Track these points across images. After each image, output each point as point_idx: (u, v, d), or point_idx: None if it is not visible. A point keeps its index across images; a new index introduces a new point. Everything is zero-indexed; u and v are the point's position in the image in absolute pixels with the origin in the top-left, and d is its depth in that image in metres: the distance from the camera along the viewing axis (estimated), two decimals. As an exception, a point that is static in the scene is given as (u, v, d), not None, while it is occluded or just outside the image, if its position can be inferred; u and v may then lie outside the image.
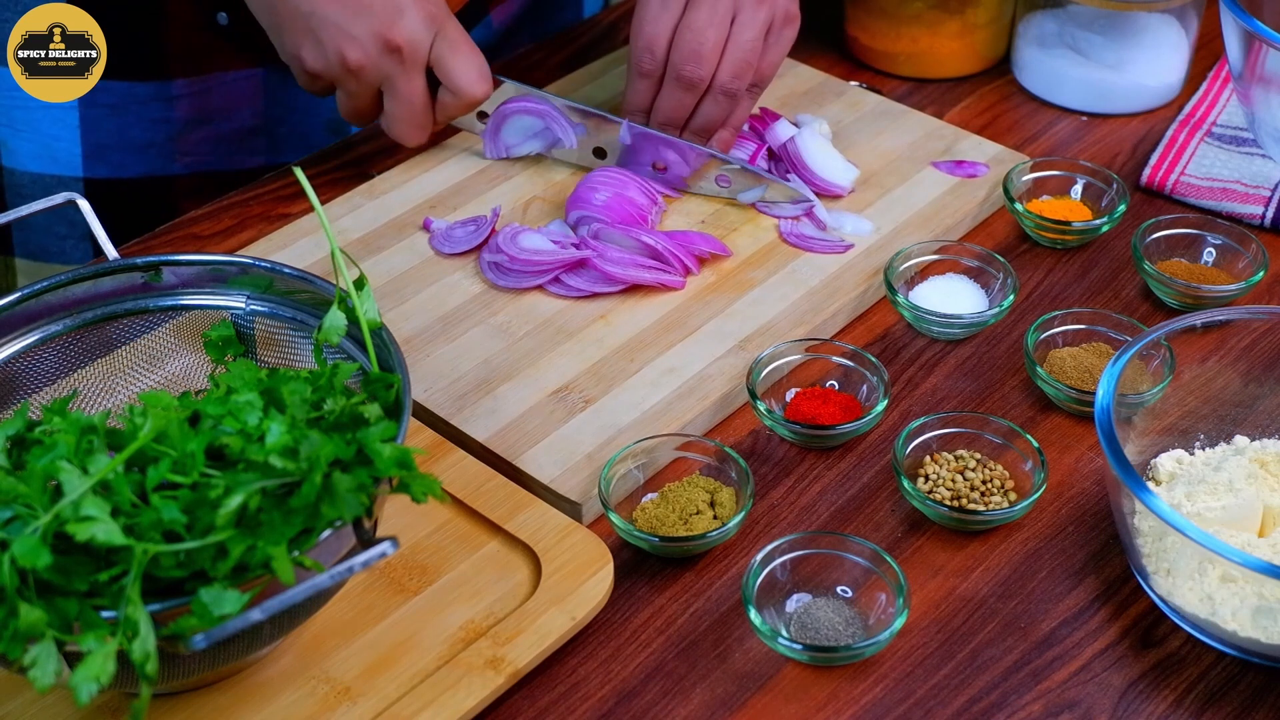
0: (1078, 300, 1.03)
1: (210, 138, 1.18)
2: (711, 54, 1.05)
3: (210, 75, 1.15)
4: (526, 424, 0.92)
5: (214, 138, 1.18)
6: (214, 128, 1.18)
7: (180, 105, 1.15)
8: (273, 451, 0.67)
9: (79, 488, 0.64)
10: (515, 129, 1.12)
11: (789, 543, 0.82)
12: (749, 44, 1.06)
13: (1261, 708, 0.78)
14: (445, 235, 1.06)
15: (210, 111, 1.17)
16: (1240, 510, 0.82)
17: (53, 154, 1.16)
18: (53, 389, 0.82)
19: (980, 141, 1.16)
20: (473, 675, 0.77)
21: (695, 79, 1.06)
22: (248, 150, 1.20)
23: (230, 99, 1.17)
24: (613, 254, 1.01)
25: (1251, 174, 1.12)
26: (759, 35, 1.06)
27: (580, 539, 0.84)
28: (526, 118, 1.11)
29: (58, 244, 1.20)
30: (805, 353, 0.96)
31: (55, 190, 1.15)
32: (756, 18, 1.06)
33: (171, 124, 1.16)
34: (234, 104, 1.17)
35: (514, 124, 1.12)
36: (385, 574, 0.83)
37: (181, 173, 1.18)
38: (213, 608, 0.63)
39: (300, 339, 0.84)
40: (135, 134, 1.16)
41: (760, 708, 0.78)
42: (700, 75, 1.05)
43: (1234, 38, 1.09)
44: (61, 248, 1.20)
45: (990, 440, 0.89)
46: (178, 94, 1.15)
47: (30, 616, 0.62)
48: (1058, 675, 0.79)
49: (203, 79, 1.15)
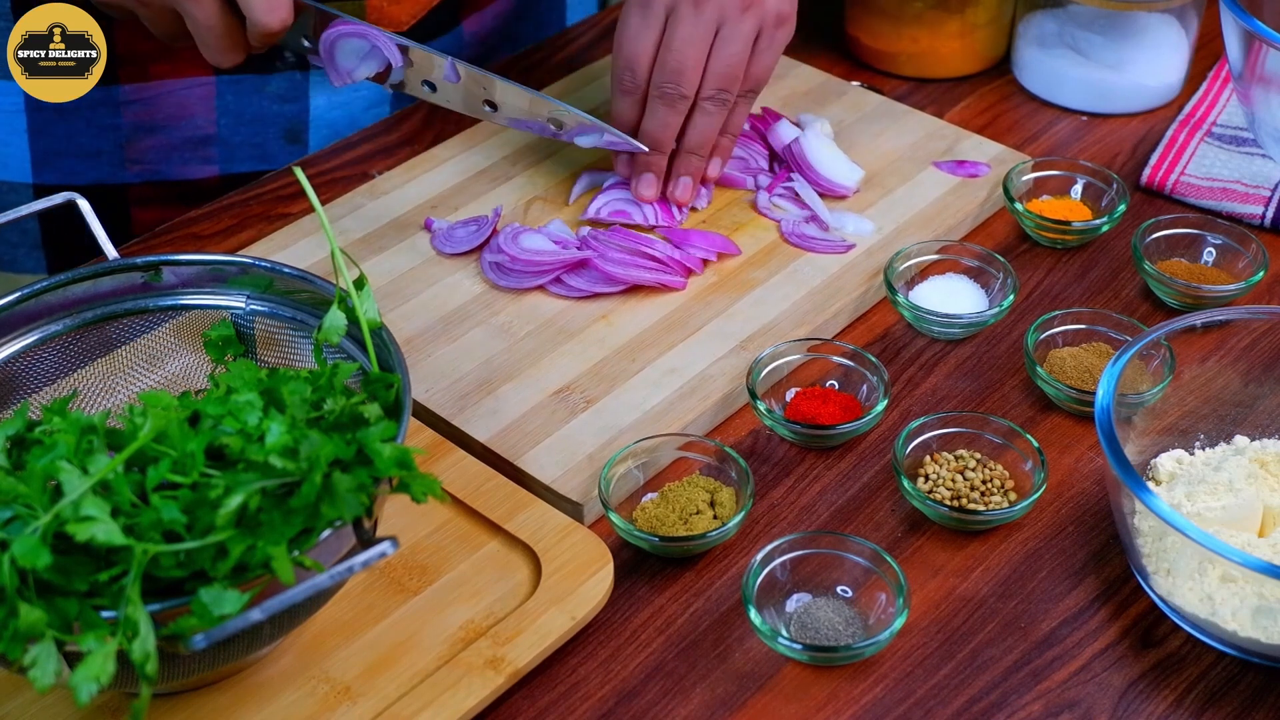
0: (1078, 300, 1.03)
1: (161, 146, 1.15)
2: (694, 70, 1.02)
3: (159, 82, 1.12)
4: (528, 424, 0.92)
5: (164, 146, 1.16)
6: (164, 136, 1.15)
7: (128, 111, 1.13)
8: (273, 451, 0.67)
9: (79, 488, 0.64)
10: (347, 53, 1.04)
11: (789, 543, 0.82)
12: (734, 56, 1.03)
13: (1261, 708, 0.78)
14: (447, 235, 1.06)
15: (160, 119, 1.14)
16: (1240, 510, 0.82)
17: (3, 160, 1.14)
18: (53, 389, 0.82)
19: (981, 141, 1.16)
20: (473, 675, 0.77)
21: (677, 96, 1.03)
22: (201, 159, 1.17)
23: (180, 107, 1.14)
24: (613, 254, 1.01)
25: (1251, 174, 1.12)
26: (745, 46, 1.03)
27: (580, 539, 0.84)
28: (354, 40, 1.03)
29: (10, 252, 1.18)
30: (805, 353, 0.96)
31: (6, 198, 1.14)
32: (741, 29, 1.03)
33: (120, 130, 1.14)
34: (184, 112, 1.15)
35: (344, 48, 1.03)
36: (385, 574, 0.83)
37: (133, 181, 1.16)
38: (213, 608, 0.63)
39: (300, 339, 0.84)
40: (84, 140, 1.14)
41: (760, 708, 0.78)
42: (682, 93, 1.03)
43: (1234, 38, 1.09)
44: (14, 256, 1.18)
45: (990, 440, 0.89)
46: (125, 100, 1.13)
47: (30, 616, 0.62)
48: (1058, 675, 0.79)
49: (151, 85, 1.12)
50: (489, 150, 1.15)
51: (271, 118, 1.18)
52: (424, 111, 1.20)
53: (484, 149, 1.15)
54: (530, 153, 1.14)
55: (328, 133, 1.20)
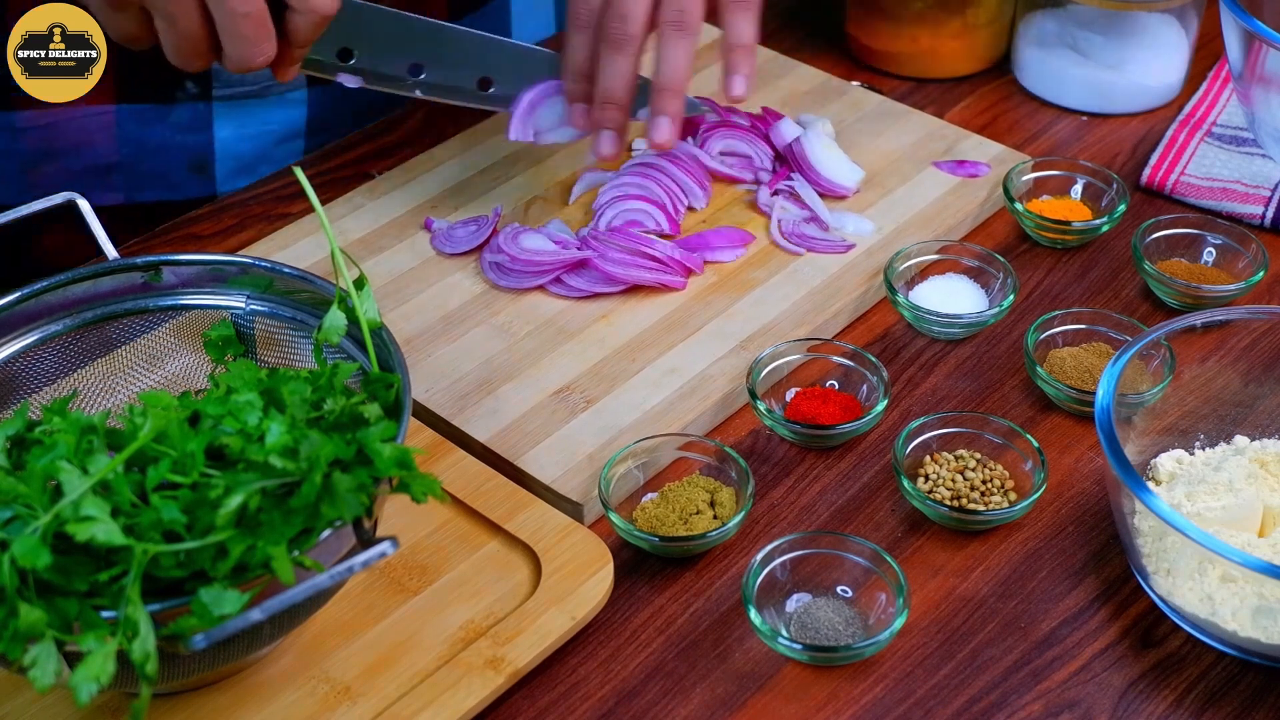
0: (1078, 300, 1.03)
1: (63, 171, 1.13)
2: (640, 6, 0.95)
3: (56, 109, 1.10)
4: (528, 424, 0.92)
5: (67, 172, 1.13)
6: (64, 163, 1.13)
7: (26, 138, 1.11)
8: (273, 451, 0.67)
9: (79, 488, 0.64)
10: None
11: (789, 543, 0.82)
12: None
13: (1261, 708, 0.78)
14: (446, 235, 1.06)
15: (60, 147, 1.12)
16: (1240, 510, 0.82)
17: None
18: (53, 389, 0.82)
19: (981, 141, 1.16)
20: (473, 675, 0.77)
21: (624, 38, 0.95)
22: (106, 186, 1.14)
23: (80, 135, 1.12)
24: (613, 254, 1.01)
25: (1251, 174, 1.12)
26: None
27: (580, 539, 0.84)
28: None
29: None
30: (805, 353, 0.96)
31: None
32: None
33: (20, 156, 1.12)
34: (85, 141, 1.12)
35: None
36: (385, 574, 0.83)
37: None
38: (213, 608, 0.63)
39: (300, 339, 0.84)
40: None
41: (760, 708, 0.78)
42: (629, 33, 0.95)
43: (1234, 38, 1.09)
44: None
45: (990, 440, 0.89)
46: (22, 126, 1.11)
47: (30, 617, 0.62)
48: (1058, 675, 0.79)
49: (48, 112, 1.10)
50: (489, 150, 1.15)
51: (175, 148, 1.15)
52: (424, 111, 1.20)
53: (484, 149, 1.15)
54: (530, 153, 1.14)
55: (234, 165, 1.17)
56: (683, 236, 1.05)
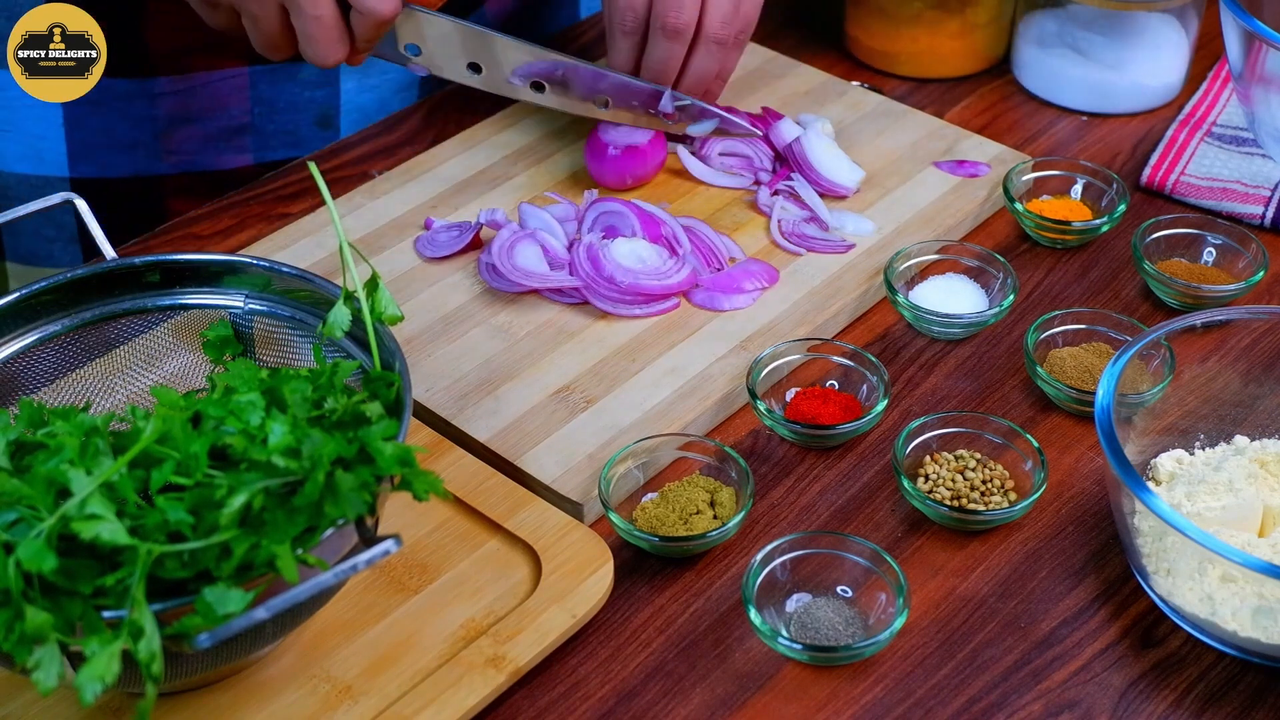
0: (1078, 300, 1.03)
1: (197, 136, 1.17)
2: (693, 3, 1.03)
3: (194, 74, 1.14)
4: (528, 424, 0.92)
5: (200, 136, 1.17)
6: (200, 126, 1.17)
7: (164, 103, 1.15)
8: (275, 451, 0.67)
9: (84, 488, 0.64)
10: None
11: (789, 542, 0.82)
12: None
13: (1261, 708, 0.78)
14: (429, 239, 1.05)
15: (195, 110, 1.16)
16: (1240, 510, 0.82)
17: (39, 154, 1.15)
18: (52, 389, 0.82)
19: (981, 141, 1.16)
20: (473, 673, 0.77)
21: (680, 26, 1.03)
22: (236, 148, 1.19)
23: (215, 98, 1.16)
24: (603, 291, 1.00)
25: (1251, 174, 1.12)
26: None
27: (580, 537, 0.84)
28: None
29: (46, 247, 1.19)
30: (805, 353, 0.96)
31: (43, 191, 1.14)
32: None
33: (156, 122, 1.15)
34: (220, 103, 1.16)
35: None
36: (386, 573, 0.83)
37: (169, 172, 1.18)
38: (217, 607, 0.64)
39: (299, 338, 0.84)
40: (120, 132, 1.15)
41: (760, 708, 0.78)
42: (685, 21, 1.03)
43: (1234, 38, 1.09)
44: (50, 251, 1.19)
45: (990, 440, 0.89)
46: (161, 92, 1.14)
47: (36, 620, 0.62)
48: (1058, 675, 0.79)
49: (186, 78, 1.14)
50: (489, 150, 1.15)
51: (304, 104, 1.19)
52: (424, 111, 1.20)
53: (484, 149, 1.15)
54: (530, 153, 1.14)
55: (358, 117, 1.21)
56: (717, 277, 1.02)
